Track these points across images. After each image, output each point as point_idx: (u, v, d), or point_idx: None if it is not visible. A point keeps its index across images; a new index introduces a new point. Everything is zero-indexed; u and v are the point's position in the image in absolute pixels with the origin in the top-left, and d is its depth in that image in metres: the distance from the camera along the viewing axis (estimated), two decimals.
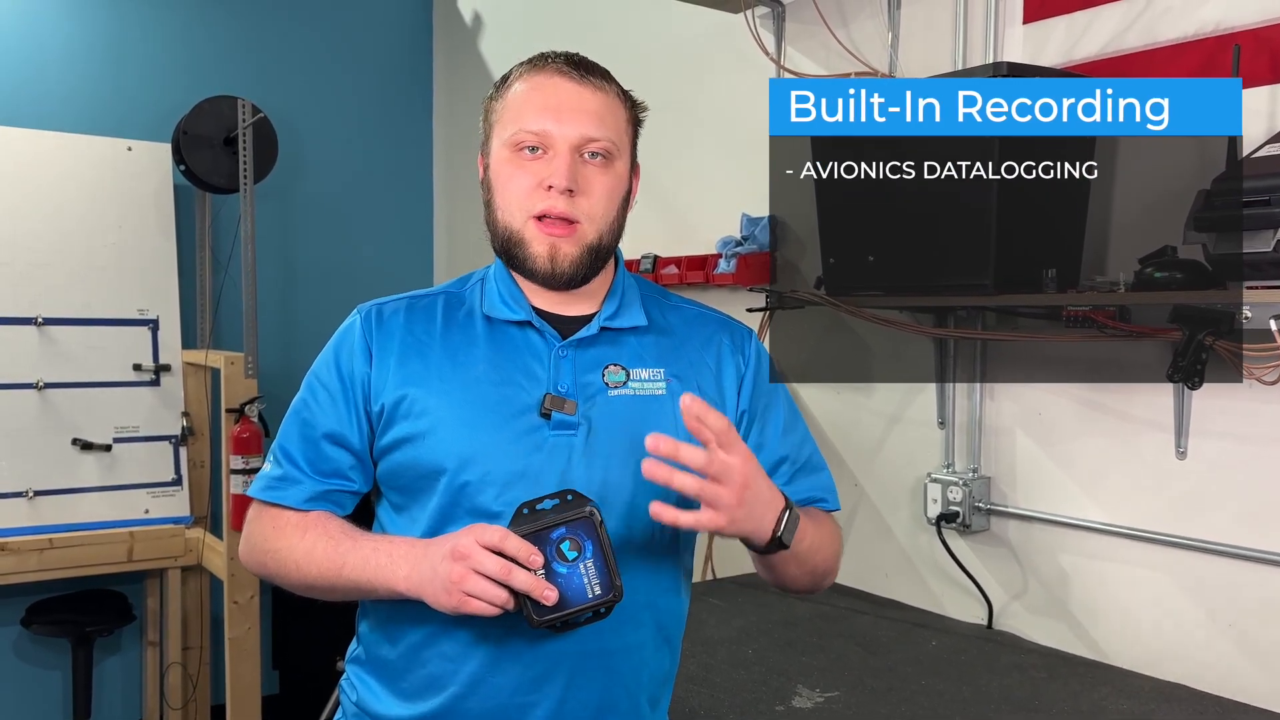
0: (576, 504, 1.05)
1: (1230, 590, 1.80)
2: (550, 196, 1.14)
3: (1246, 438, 1.77)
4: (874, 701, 1.74)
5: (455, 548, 1.03)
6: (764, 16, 2.59)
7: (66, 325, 3.15)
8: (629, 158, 1.21)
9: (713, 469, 1.01)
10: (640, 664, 1.19)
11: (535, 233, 1.16)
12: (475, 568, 1.01)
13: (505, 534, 1.02)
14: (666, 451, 1.00)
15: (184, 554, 3.19)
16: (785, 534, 1.08)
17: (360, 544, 1.13)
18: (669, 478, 1.01)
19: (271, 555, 1.18)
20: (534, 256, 1.16)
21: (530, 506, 1.05)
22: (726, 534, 1.06)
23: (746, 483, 1.03)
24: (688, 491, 1.02)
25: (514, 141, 1.16)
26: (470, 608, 1.02)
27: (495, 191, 1.19)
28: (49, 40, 3.38)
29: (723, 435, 1.02)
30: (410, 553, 1.08)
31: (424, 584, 1.05)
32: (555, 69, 1.17)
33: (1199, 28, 1.83)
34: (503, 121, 1.18)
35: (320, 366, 1.22)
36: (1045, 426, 2.09)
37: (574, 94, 1.16)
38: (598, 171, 1.16)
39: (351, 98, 3.94)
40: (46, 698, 3.32)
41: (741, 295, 2.52)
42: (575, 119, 1.15)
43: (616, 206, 1.19)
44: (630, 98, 1.22)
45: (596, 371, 1.18)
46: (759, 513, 1.07)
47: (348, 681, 1.26)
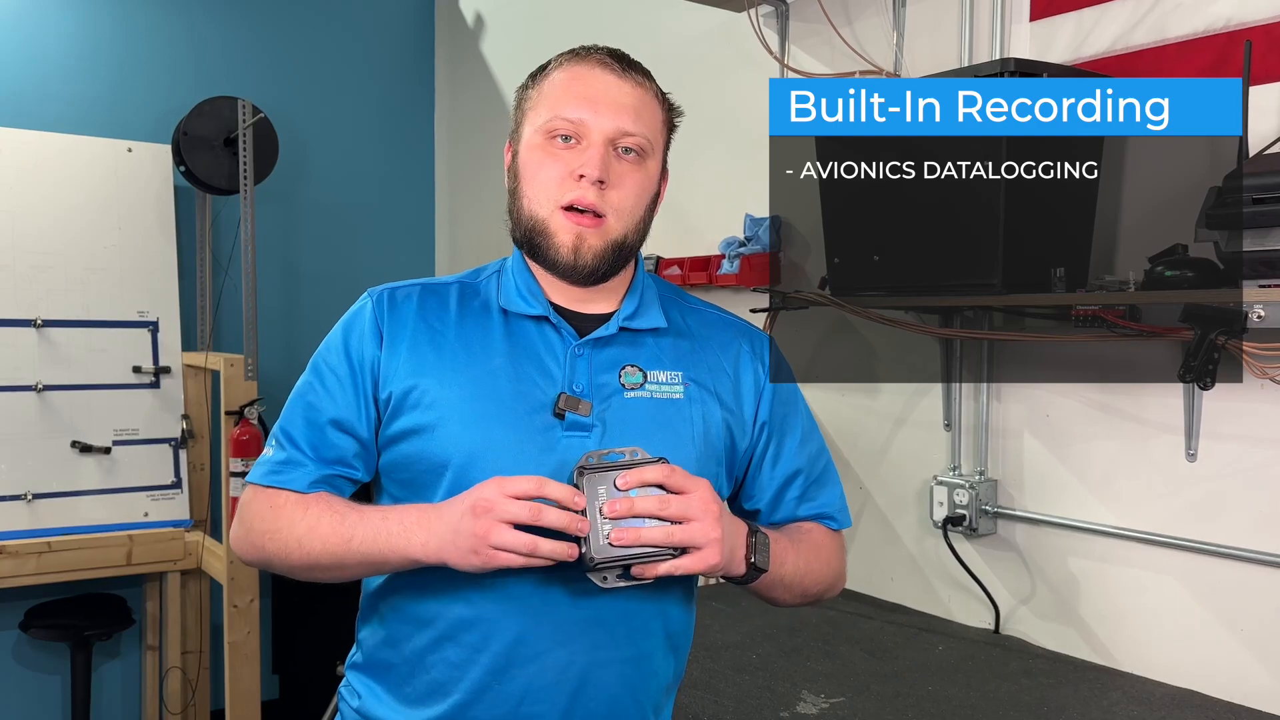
0: (644, 458, 1.03)
1: (1243, 594, 1.77)
2: (580, 186, 1.11)
3: (1259, 439, 1.74)
4: (880, 707, 1.72)
5: (477, 502, 1.00)
6: (768, 15, 2.58)
7: (66, 327, 3.14)
8: (661, 159, 1.19)
9: (670, 511, 1.01)
10: (649, 673, 1.17)
11: (562, 222, 1.13)
12: (502, 517, 0.98)
13: (542, 480, 1.00)
14: (623, 511, 0.99)
15: (183, 557, 3.17)
16: (758, 558, 1.09)
17: (368, 515, 1.09)
18: (636, 537, 0.99)
19: (270, 536, 1.13)
20: (558, 246, 1.13)
21: (597, 455, 1.03)
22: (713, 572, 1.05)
23: (716, 510, 1.03)
24: (657, 542, 1.00)
25: (548, 129, 1.13)
26: (499, 561, 0.99)
27: (523, 179, 1.16)
28: (49, 42, 3.37)
29: (668, 481, 1.02)
30: (423, 518, 1.05)
31: (444, 547, 1.02)
32: (597, 60, 1.15)
33: (1209, 24, 1.81)
34: (538, 109, 1.16)
35: (328, 350, 1.19)
36: (1053, 428, 2.07)
37: (613, 86, 1.14)
38: (630, 168, 1.14)
39: (353, 98, 3.92)
40: (45, 702, 3.30)
41: (745, 296, 2.51)
42: (612, 111, 1.13)
43: (645, 205, 1.17)
44: (668, 100, 1.20)
45: (613, 372, 1.15)
46: (734, 542, 1.07)
47: (347, 687, 1.24)
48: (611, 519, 0.99)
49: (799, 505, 1.24)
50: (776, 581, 1.13)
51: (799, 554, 1.17)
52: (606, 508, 0.99)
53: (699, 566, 1.02)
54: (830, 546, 1.24)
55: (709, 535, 1.01)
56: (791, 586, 1.17)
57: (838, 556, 1.25)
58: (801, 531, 1.22)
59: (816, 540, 1.22)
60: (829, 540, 1.24)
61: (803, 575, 1.17)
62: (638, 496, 1.00)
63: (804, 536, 1.21)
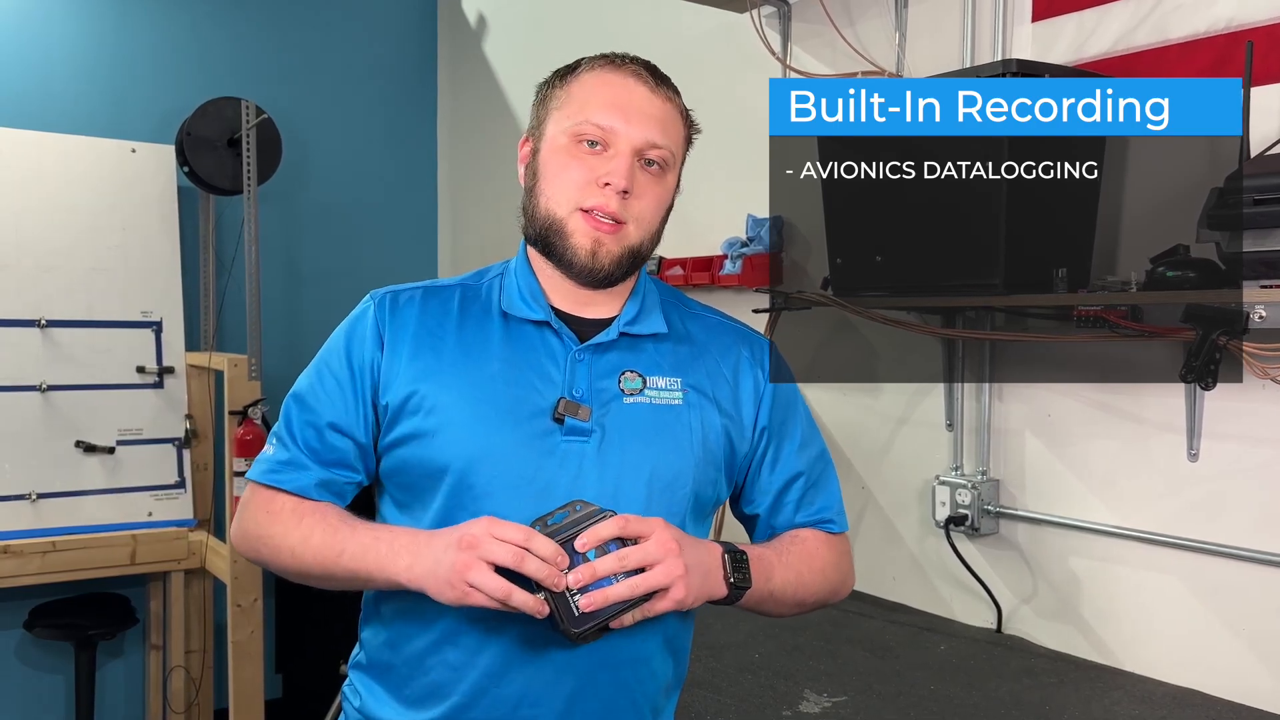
0: (588, 510, 1.03)
1: (1244, 594, 1.77)
2: (605, 194, 1.12)
3: (1260, 439, 1.74)
4: (882, 706, 1.72)
5: (464, 536, 1.01)
6: (770, 16, 2.58)
7: (70, 327, 3.14)
8: (678, 173, 1.21)
9: (629, 563, 1.01)
10: (647, 675, 1.18)
11: (580, 224, 1.13)
12: (485, 556, 0.99)
13: (530, 532, 1.00)
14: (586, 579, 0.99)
15: (187, 557, 3.18)
16: (737, 577, 1.09)
17: (359, 533, 1.10)
18: (604, 599, 1.00)
19: (264, 541, 1.15)
20: (576, 248, 1.14)
21: (542, 521, 1.03)
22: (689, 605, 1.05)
23: (675, 548, 1.03)
24: (624, 598, 1.00)
25: (576, 132, 1.14)
26: (473, 600, 0.99)
27: (543, 176, 1.16)
28: (53, 43, 3.38)
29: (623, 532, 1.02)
30: (412, 543, 1.06)
31: (426, 576, 1.03)
32: (632, 70, 1.16)
33: (1211, 25, 1.81)
34: (565, 109, 1.16)
35: (330, 353, 1.19)
36: (1055, 428, 2.07)
37: (646, 98, 1.15)
38: (652, 179, 1.15)
39: (356, 99, 3.93)
40: (49, 701, 3.31)
41: (747, 296, 2.51)
42: (643, 123, 1.13)
43: (660, 217, 1.18)
44: (689, 116, 1.22)
45: (613, 377, 1.16)
46: (706, 567, 1.07)
47: (350, 687, 1.24)
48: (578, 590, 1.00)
49: (798, 510, 1.24)
50: (766, 596, 1.13)
51: (786, 566, 1.16)
52: (572, 579, 0.99)
53: (668, 606, 1.03)
54: (826, 553, 1.23)
55: (672, 574, 1.02)
56: (783, 600, 1.17)
57: (836, 562, 1.24)
58: (794, 541, 1.21)
59: (809, 549, 1.21)
60: (826, 547, 1.23)
61: (795, 587, 1.17)
62: (596, 560, 1.00)
63: (793, 547, 1.20)
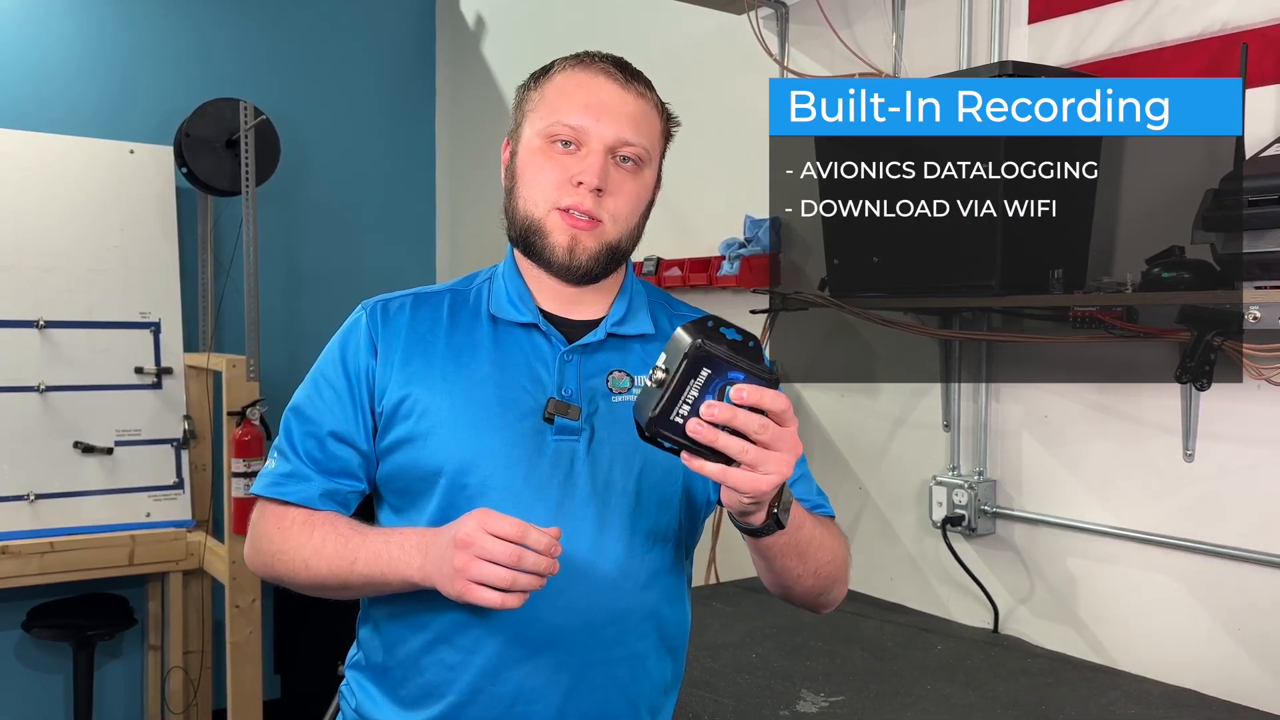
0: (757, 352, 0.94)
1: (1240, 594, 1.78)
2: (578, 193, 1.13)
3: (1256, 440, 1.75)
4: (879, 706, 1.72)
5: (458, 535, 1.01)
6: (767, 18, 2.59)
7: (68, 328, 3.14)
8: (657, 168, 1.21)
9: (764, 437, 0.91)
10: (642, 674, 1.18)
11: (558, 222, 1.14)
12: (480, 554, 0.98)
13: (525, 527, 0.98)
14: (721, 419, 0.90)
15: (185, 558, 3.18)
16: (781, 512, 1.01)
17: (370, 538, 1.10)
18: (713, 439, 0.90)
19: (278, 557, 1.16)
20: (553, 246, 1.15)
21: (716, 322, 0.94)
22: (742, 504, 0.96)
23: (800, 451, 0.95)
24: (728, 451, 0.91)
25: (549, 133, 1.15)
26: (473, 596, 0.99)
27: (520, 179, 1.17)
28: (51, 43, 3.38)
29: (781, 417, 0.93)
30: (421, 542, 1.06)
31: (434, 573, 1.03)
32: (601, 68, 1.16)
33: (1206, 27, 1.81)
34: (539, 111, 1.17)
35: (325, 364, 1.21)
36: (1051, 429, 2.07)
37: (616, 96, 1.15)
38: (627, 176, 1.16)
39: (354, 100, 3.93)
40: (48, 702, 3.30)
41: (745, 297, 2.51)
42: (614, 121, 1.14)
43: (639, 213, 1.19)
44: (666, 110, 1.22)
45: (601, 377, 1.17)
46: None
47: (347, 687, 1.25)
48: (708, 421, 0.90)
49: None
50: (791, 546, 1.07)
51: (814, 522, 1.13)
52: (704, 410, 0.90)
53: (745, 485, 0.92)
54: (832, 526, 1.22)
55: (780, 469, 0.92)
56: (806, 555, 1.11)
57: (842, 541, 1.22)
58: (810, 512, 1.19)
59: (821, 519, 1.19)
60: (830, 522, 1.23)
61: (817, 544, 1.12)
62: (743, 416, 0.90)
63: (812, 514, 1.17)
